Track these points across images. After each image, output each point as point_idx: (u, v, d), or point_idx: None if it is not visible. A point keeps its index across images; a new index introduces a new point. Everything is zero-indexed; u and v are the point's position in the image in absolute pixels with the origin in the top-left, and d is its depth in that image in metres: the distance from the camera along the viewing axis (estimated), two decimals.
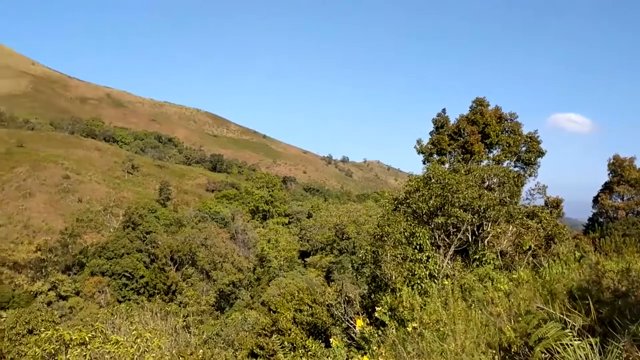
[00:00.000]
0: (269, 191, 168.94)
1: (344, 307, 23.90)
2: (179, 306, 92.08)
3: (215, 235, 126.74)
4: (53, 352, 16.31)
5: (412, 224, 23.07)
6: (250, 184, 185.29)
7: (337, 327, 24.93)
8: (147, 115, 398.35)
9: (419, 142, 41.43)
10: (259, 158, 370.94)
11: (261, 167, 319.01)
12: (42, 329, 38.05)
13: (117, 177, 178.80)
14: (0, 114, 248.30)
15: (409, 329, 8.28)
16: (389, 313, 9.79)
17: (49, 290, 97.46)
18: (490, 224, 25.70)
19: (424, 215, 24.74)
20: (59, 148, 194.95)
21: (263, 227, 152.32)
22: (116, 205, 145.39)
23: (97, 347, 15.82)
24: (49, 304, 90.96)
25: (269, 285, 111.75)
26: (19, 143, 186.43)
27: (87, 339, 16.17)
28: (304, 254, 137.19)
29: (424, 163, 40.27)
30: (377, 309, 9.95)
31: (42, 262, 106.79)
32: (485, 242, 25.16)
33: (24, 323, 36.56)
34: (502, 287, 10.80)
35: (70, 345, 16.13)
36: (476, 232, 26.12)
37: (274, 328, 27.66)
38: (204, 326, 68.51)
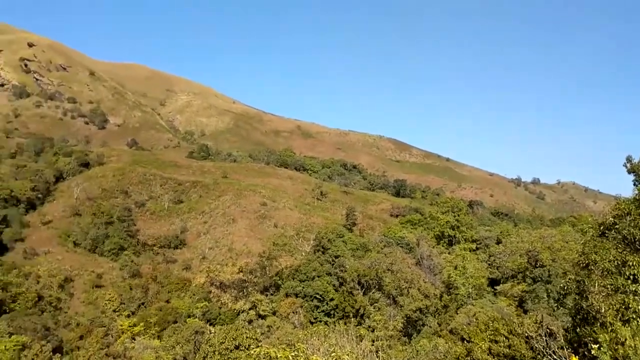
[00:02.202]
0: (454, 216, 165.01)
1: (546, 340, 22.19)
2: (367, 330, 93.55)
3: (400, 261, 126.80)
4: None
5: (623, 252, 20.82)
6: (434, 209, 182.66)
7: None
8: (333, 144, 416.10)
9: (629, 159, 37.16)
10: (443, 182, 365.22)
11: (445, 192, 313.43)
12: (248, 346, 41.57)
13: (308, 203, 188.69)
14: (209, 149, 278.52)
15: None
16: (610, 352, 8.90)
17: (249, 309, 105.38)
18: None
19: (637, 242, 22.17)
20: (257, 178, 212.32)
21: (449, 253, 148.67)
22: (307, 230, 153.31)
23: None
24: (250, 322, 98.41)
25: (457, 313, 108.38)
26: (224, 174, 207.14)
27: (291, 358, 17.16)
28: (493, 282, 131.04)
29: (635, 184, 36.10)
30: (592, 346, 9.12)
31: (244, 282, 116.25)
32: None
33: (231, 339, 40.22)
34: None
35: None
36: None
37: (469, 358, 26.69)
38: (393, 351, 68.60)
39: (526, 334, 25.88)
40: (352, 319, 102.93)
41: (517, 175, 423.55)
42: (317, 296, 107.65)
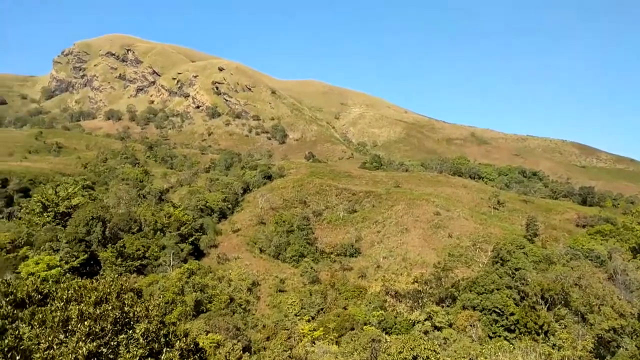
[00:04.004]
0: None
1: None
2: (552, 348, 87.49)
3: (590, 275, 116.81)
4: None
5: None
6: (629, 218, 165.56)
7: None
8: (510, 150, 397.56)
9: None
10: (638, 189, 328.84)
11: None
12: (426, 357, 41.60)
13: (484, 212, 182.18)
14: (381, 159, 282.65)
15: None
16: None
17: (425, 320, 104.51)
18: None
19: None
20: (429, 187, 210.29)
21: None
22: (484, 240, 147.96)
23: None
24: (426, 333, 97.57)
25: None
26: (396, 184, 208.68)
27: None
28: None
29: None
30: None
31: (419, 293, 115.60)
32: None
33: (409, 349, 40.47)
34: None
35: None
36: None
37: None
38: None
39: None
40: (535, 335, 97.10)
41: None
42: (497, 310, 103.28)
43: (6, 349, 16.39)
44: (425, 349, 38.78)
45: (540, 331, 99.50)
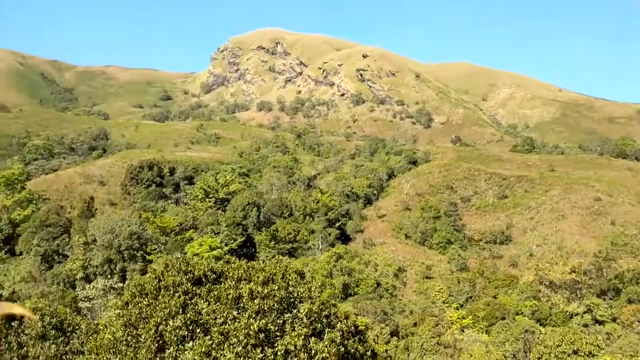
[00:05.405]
0: None
1: None
2: None
3: None
4: None
5: None
6: None
7: None
8: None
9: None
10: None
11: None
12: (588, 352, 39.18)
13: None
14: (533, 141, 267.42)
15: None
16: None
17: (584, 312, 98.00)
18: None
19: None
20: (588, 170, 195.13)
21: None
22: None
23: None
24: (585, 326, 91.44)
25: None
26: (551, 167, 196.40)
27: None
28: None
29: None
30: None
31: (577, 283, 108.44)
32: None
33: (569, 342, 38.26)
34: None
35: None
36: None
37: None
38: None
39: None
40: None
41: None
42: None
43: (188, 322, 18.56)
44: (587, 343, 36.32)
45: None
